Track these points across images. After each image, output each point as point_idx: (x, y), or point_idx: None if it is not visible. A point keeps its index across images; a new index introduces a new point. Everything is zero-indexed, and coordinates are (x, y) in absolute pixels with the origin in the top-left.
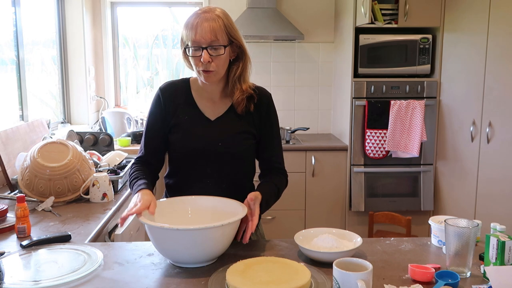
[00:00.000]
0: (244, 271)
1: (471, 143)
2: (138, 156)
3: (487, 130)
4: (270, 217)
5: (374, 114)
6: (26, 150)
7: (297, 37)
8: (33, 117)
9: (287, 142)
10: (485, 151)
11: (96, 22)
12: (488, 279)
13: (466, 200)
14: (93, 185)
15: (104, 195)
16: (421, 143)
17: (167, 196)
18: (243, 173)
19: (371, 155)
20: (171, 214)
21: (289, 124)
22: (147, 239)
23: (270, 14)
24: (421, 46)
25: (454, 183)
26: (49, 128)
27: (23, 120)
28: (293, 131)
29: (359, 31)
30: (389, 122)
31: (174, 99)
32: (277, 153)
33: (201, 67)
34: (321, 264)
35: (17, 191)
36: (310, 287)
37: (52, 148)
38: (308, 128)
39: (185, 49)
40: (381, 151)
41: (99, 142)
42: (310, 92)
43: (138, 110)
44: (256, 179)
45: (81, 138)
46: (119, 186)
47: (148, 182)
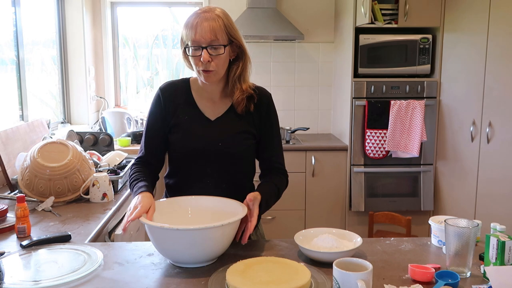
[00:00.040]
0: (244, 271)
1: (471, 143)
2: (138, 156)
3: (487, 130)
4: (270, 217)
5: (374, 114)
6: (26, 150)
7: (297, 37)
8: (33, 117)
9: (287, 142)
10: (485, 151)
11: (96, 22)
12: (488, 279)
13: (466, 200)
14: (93, 185)
15: (104, 195)
16: (421, 143)
17: (167, 196)
18: (243, 173)
19: (371, 155)
20: (171, 214)
21: (289, 124)
22: (147, 239)
23: (270, 14)
24: (421, 46)
25: (454, 183)
26: (49, 128)
27: (23, 120)
28: (293, 131)
29: (359, 31)
30: (389, 122)
31: (174, 99)
32: (277, 153)
33: (201, 66)
34: (321, 264)
35: (17, 191)
36: (310, 287)
37: (52, 148)
38: (308, 128)
39: (185, 48)
40: (381, 151)
41: (99, 142)
42: (310, 92)
43: (138, 110)
44: (256, 179)
45: (81, 138)
46: (119, 186)
47: (148, 183)
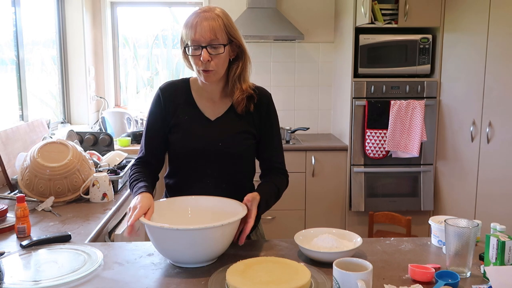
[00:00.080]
0: (244, 271)
1: (471, 143)
2: (138, 156)
3: (487, 130)
4: (270, 217)
5: (374, 114)
6: (26, 150)
7: (297, 37)
8: (33, 117)
9: (287, 142)
10: (485, 151)
11: (96, 22)
12: (488, 279)
13: (466, 200)
14: (93, 185)
15: (104, 195)
16: (421, 143)
17: (167, 196)
18: (243, 173)
19: (371, 155)
20: (171, 214)
21: (289, 124)
22: (147, 239)
23: (270, 14)
24: (421, 46)
25: (454, 183)
26: (49, 128)
27: (23, 120)
28: (293, 131)
29: (359, 31)
30: (389, 122)
31: (174, 99)
32: (277, 153)
33: (200, 66)
34: (321, 264)
35: (17, 191)
36: (310, 287)
37: (52, 148)
38: (308, 128)
39: (185, 48)
40: (381, 151)
41: (99, 142)
42: (310, 92)
43: (138, 110)
44: (256, 179)
45: (81, 138)
46: (119, 186)
47: (148, 184)
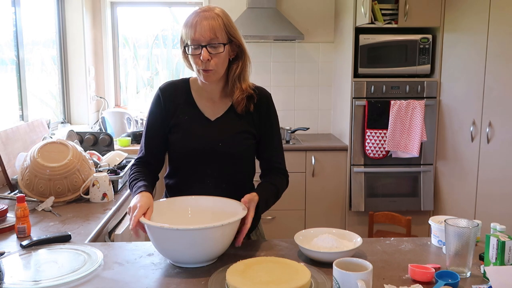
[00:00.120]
0: (244, 271)
1: (471, 143)
2: (138, 156)
3: (487, 130)
4: (270, 217)
5: (374, 114)
6: (26, 150)
7: (297, 37)
8: (33, 117)
9: (287, 142)
10: (485, 151)
11: (96, 22)
12: (488, 279)
13: (466, 200)
14: (93, 185)
15: (104, 195)
16: (421, 143)
17: (167, 196)
18: (243, 173)
19: (371, 155)
20: (171, 214)
21: (289, 124)
22: (147, 239)
23: (270, 14)
24: (421, 46)
25: (454, 183)
26: (49, 128)
27: (23, 120)
28: (293, 131)
29: (359, 31)
30: (389, 122)
31: (174, 99)
32: (277, 153)
33: (200, 65)
34: (321, 264)
35: (17, 191)
36: (310, 287)
37: (52, 148)
38: (308, 128)
39: (185, 47)
40: (381, 151)
41: (99, 142)
42: (310, 92)
43: (138, 110)
44: (256, 179)
45: (81, 138)
46: (119, 186)
47: (148, 183)
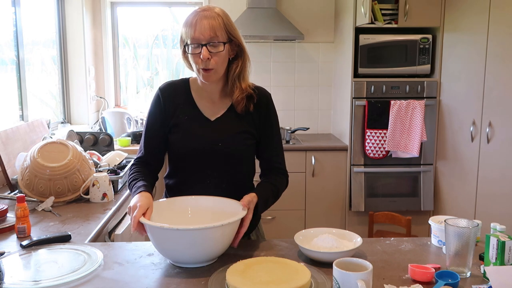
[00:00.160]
0: (244, 271)
1: (471, 143)
2: (137, 156)
3: (487, 130)
4: (270, 217)
5: (374, 114)
6: (26, 150)
7: (297, 37)
8: (33, 117)
9: (287, 142)
10: (485, 151)
11: (96, 22)
12: (488, 279)
13: (466, 200)
14: (93, 185)
15: (104, 195)
16: (421, 143)
17: (167, 196)
18: (243, 173)
19: (371, 155)
20: (171, 214)
21: (289, 124)
22: (147, 239)
23: (270, 14)
24: (421, 46)
25: (454, 183)
26: (49, 128)
27: (23, 120)
28: (293, 131)
29: (359, 31)
30: (389, 122)
31: (173, 99)
32: (277, 153)
33: (200, 64)
34: (321, 264)
35: (17, 191)
36: (310, 287)
37: (52, 148)
38: (308, 128)
39: (185, 47)
40: (381, 151)
41: (99, 142)
42: (310, 92)
43: (138, 110)
44: (256, 179)
45: (81, 138)
46: (119, 186)
47: (147, 183)
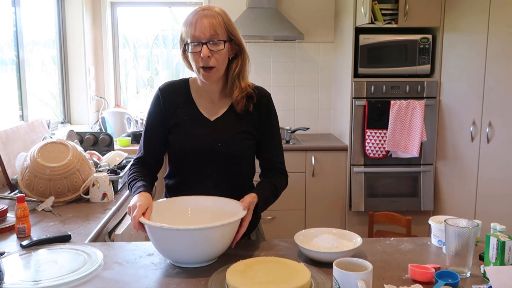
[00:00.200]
0: (244, 271)
1: (471, 143)
2: (137, 156)
3: (487, 130)
4: (270, 217)
5: (374, 114)
6: (26, 150)
7: (297, 37)
8: (33, 117)
9: (287, 142)
10: (485, 151)
11: (96, 22)
12: (488, 279)
13: (466, 200)
14: (93, 185)
15: (104, 195)
16: (421, 143)
17: (166, 196)
18: (243, 173)
19: (371, 155)
20: (171, 214)
21: (289, 124)
22: (147, 239)
23: (270, 14)
24: (421, 46)
25: (454, 183)
26: (49, 128)
27: (23, 120)
28: (293, 131)
29: (359, 31)
30: (389, 122)
31: (173, 100)
32: (277, 153)
33: (201, 63)
34: (321, 264)
35: (17, 191)
36: (310, 287)
37: (52, 148)
38: (308, 128)
39: (185, 46)
40: (381, 151)
41: (99, 142)
42: (310, 92)
43: (138, 110)
44: (256, 179)
45: (81, 138)
46: (119, 186)
47: (147, 183)
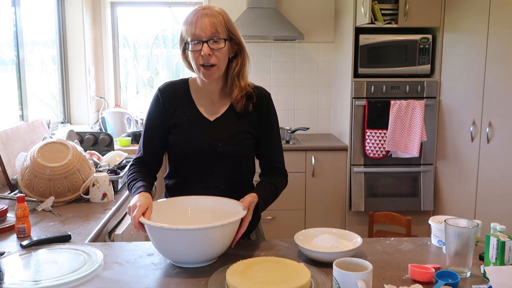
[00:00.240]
0: (244, 271)
1: (471, 143)
2: (136, 156)
3: (487, 130)
4: (270, 217)
5: (374, 114)
6: (26, 150)
7: (297, 37)
8: (33, 117)
9: (287, 142)
10: (485, 151)
11: (96, 22)
12: (488, 279)
13: (466, 200)
14: (93, 185)
15: (104, 195)
16: (421, 143)
17: (166, 196)
18: (243, 173)
19: (371, 155)
20: (171, 214)
21: (289, 124)
22: (147, 239)
23: (270, 14)
24: (421, 46)
25: (454, 183)
26: (49, 128)
27: (23, 120)
28: (293, 131)
29: (359, 31)
30: (389, 122)
31: (173, 100)
32: (277, 153)
33: (201, 61)
34: (321, 264)
35: (17, 191)
36: (310, 287)
37: (52, 148)
38: (308, 128)
39: (185, 44)
40: (381, 151)
41: (99, 142)
42: (310, 92)
43: (138, 110)
44: (256, 179)
45: (81, 138)
46: (119, 186)
47: (146, 184)
